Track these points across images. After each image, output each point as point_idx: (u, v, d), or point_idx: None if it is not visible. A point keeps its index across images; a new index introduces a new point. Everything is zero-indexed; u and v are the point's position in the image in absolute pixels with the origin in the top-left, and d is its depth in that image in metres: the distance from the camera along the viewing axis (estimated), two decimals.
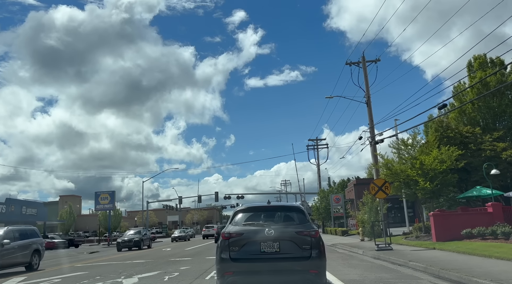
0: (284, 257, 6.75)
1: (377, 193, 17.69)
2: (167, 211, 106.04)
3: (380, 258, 14.70)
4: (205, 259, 17.30)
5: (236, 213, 7.64)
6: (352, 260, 15.01)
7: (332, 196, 45.94)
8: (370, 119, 27.51)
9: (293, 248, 6.83)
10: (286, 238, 6.87)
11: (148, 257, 20.33)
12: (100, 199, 50.92)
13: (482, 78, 25.47)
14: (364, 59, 28.50)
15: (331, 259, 15.18)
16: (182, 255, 20.28)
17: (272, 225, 7.09)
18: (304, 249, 6.86)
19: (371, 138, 27.11)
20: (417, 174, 20.74)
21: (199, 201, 67.87)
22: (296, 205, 8.34)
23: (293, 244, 6.85)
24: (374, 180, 17.94)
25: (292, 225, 7.21)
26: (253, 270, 6.67)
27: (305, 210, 7.92)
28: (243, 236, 6.89)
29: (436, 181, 20.04)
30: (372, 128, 27.23)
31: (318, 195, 51.57)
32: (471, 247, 14.09)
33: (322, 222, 52.54)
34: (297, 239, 6.90)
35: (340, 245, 23.27)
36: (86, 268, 15.88)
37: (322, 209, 49.45)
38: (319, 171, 53.85)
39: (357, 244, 22.92)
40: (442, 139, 24.37)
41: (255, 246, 6.81)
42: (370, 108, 27.67)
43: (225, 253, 6.83)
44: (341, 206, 45.90)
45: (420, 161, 20.77)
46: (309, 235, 7.00)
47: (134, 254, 25.13)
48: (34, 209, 56.26)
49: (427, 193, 20.54)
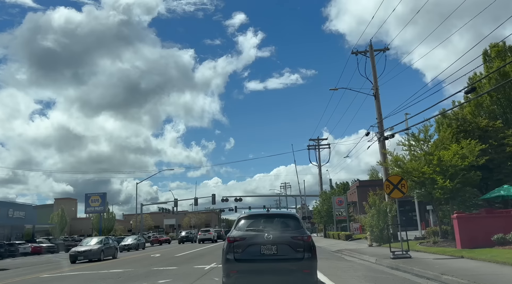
0: (280, 258, 7.64)
1: (392, 191, 15.32)
2: (165, 214, 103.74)
3: (400, 269, 12.31)
4: (192, 268, 14.89)
5: (239, 220, 8.57)
6: (367, 271, 12.59)
7: (334, 198, 43.51)
8: (378, 113, 25.17)
9: (288, 250, 7.71)
10: (283, 242, 7.75)
11: (130, 265, 17.90)
12: (91, 201, 48.59)
13: (500, 67, 23.17)
14: (371, 48, 26.21)
15: (341, 270, 12.75)
16: (168, 263, 17.85)
17: (271, 230, 7.96)
18: (298, 252, 7.70)
19: (379, 134, 24.76)
20: (434, 171, 18.37)
21: (195, 203, 65.39)
22: (292, 213, 9.35)
23: (289, 247, 7.72)
24: (388, 177, 15.59)
25: (288, 231, 8.06)
26: (254, 270, 7.61)
27: (299, 217, 8.83)
28: (245, 240, 7.80)
29: (456, 179, 17.67)
30: (380, 122, 24.88)
31: (320, 197, 49.12)
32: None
33: (324, 226, 50.09)
34: (292, 243, 7.76)
35: (346, 251, 20.88)
36: (50, 280, 13.46)
37: (324, 212, 46.98)
38: (321, 171, 51.51)
39: (366, 250, 20.52)
40: (459, 134, 22.01)
41: (256, 248, 7.72)
42: (379, 101, 25.34)
43: (230, 254, 7.76)
44: (344, 209, 43.48)
45: (437, 156, 18.40)
46: (302, 240, 7.82)
47: (117, 262, 22.70)
48: (22, 212, 53.77)
49: (446, 193, 18.16)
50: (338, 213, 43.32)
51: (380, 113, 25.09)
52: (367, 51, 26.24)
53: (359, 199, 57.65)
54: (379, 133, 24.76)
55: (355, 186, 58.93)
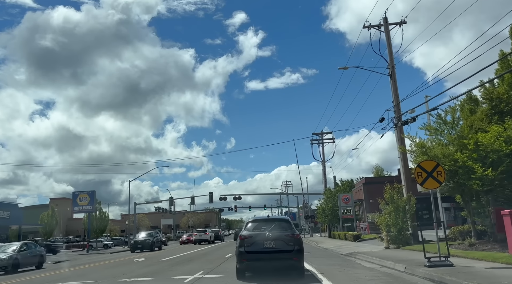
0: (277, 250, 10.63)
1: (426, 181, 11.99)
2: (163, 214, 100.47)
3: (445, 282, 9.02)
4: (170, 281, 11.59)
5: (248, 223, 12.02)
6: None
7: (340, 195, 40.08)
8: (395, 95, 21.84)
9: (283, 244, 10.72)
10: (279, 238, 10.77)
11: (95, 275, 14.60)
12: (79, 199, 45.17)
13: None
14: (386, 21, 22.84)
15: (362, 281, 9.44)
16: (145, 272, 14.53)
17: (270, 230, 11.03)
18: (289, 245, 10.72)
19: (396, 119, 21.44)
20: (470, 158, 15.03)
21: (192, 202, 62.13)
22: (285, 217, 13.35)
23: (283, 242, 10.74)
24: (420, 163, 12.25)
25: (282, 230, 11.07)
26: (259, 258, 10.60)
27: (291, 220, 12.17)
28: (252, 237, 10.86)
29: (501, 166, 14.34)
30: (397, 105, 21.55)
31: (324, 194, 45.74)
32: None
33: (328, 225, 46.71)
34: (286, 239, 10.79)
35: (361, 255, 17.56)
36: None
37: (328, 210, 43.59)
38: (325, 167, 47.91)
39: (385, 253, 17.20)
40: (493, 116, 18.68)
41: (260, 243, 10.71)
42: (395, 81, 22.01)
43: (242, 247, 10.72)
44: (351, 207, 40.10)
45: (474, 140, 15.08)
46: (293, 237, 10.89)
47: (82, 268, 19.42)
48: (6, 212, 50.50)
49: (486, 184, 14.82)
50: (344, 212, 39.95)
51: (397, 95, 21.78)
52: (381, 25, 22.89)
53: (366, 197, 54.36)
54: (396, 118, 21.45)
55: (361, 183, 55.58)
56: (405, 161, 21.30)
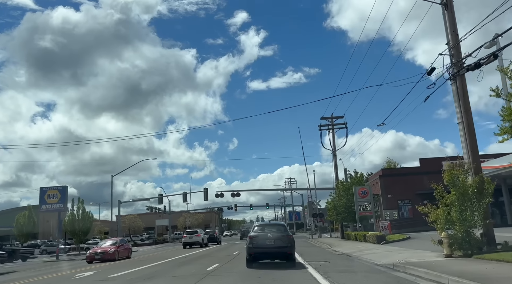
0: (276, 246, 14.85)
1: None
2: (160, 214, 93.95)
3: None
4: None
5: (254, 226, 16.69)
6: None
7: (356, 188, 33.11)
8: (452, 31, 14.93)
9: (280, 242, 14.88)
10: (277, 238, 14.93)
11: None
12: (47, 197, 38.21)
13: None
14: None
15: None
16: None
17: (271, 232, 15.36)
18: (284, 243, 14.90)
19: (455, 66, 14.53)
20: None
21: (184, 199, 55.63)
22: (282, 223, 20.66)
23: (280, 240, 14.89)
24: None
25: (279, 232, 15.32)
26: (263, 252, 14.94)
27: (286, 225, 17.65)
28: (258, 237, 15.07)
29: None
30: (457, 46, 14.63)
31: (336, 188, 38.85)
32: None
33: (341, 224, 39.81)
34: (282, 238, 14.95)
35: (412, 268, 10.76)
36: None
37: (341, 207, 36.53)
38: (335, 157, 40.87)
39: (461, 268, 10.27)
40: None
41: (263, 241, 14.86)
42: (452, 12, 15.08)
43: (250, 244, 14.85)
44: (369, 202, 33.02)
45: None
46: (287, 236, 15.09)
47: None
48: None
49: None
50: (362, 208, 32.94)
51: (456, 32, 14.86)
52: None
53: (383, 191, 47.37)
54: (454, 64, 14.54)
55: (377, 175, 48.49)
56: (470, 126, 14.37)
